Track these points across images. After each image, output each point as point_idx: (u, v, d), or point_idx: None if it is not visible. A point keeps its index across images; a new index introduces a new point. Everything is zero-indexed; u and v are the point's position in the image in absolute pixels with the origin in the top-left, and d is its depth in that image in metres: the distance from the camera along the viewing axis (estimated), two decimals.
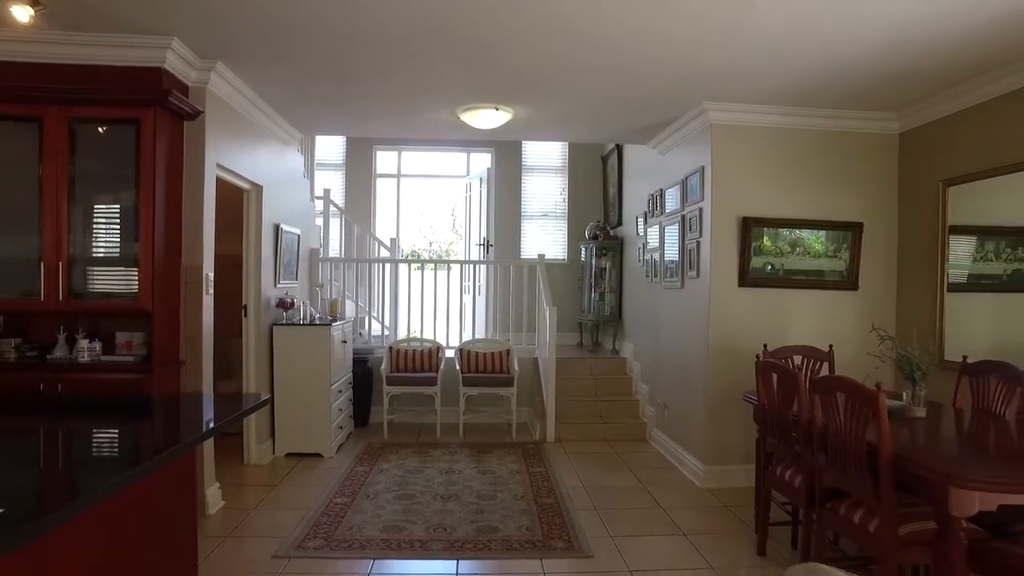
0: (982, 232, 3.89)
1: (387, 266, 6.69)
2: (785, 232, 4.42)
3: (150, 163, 3.31)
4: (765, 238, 4.39)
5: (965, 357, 3.30)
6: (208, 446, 3.84)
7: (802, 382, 2.85)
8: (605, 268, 6.97)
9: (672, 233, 5.17)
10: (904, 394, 2.98)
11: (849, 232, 4.47)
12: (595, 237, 7.06)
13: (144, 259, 3.33)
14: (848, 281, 4.49)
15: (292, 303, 5.07)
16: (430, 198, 11.64)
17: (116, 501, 1.83)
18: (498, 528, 3.56)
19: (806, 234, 4.44)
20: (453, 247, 13.11)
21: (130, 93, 3.26)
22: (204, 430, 2.13)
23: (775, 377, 3.08)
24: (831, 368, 3.79)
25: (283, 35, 3.29)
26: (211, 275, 3.85)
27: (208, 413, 2.51)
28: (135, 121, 3.28)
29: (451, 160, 8.35)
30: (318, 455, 4.96)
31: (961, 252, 3.98)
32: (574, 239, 7.82)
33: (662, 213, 5.44)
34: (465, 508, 3.87)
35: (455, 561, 3.17)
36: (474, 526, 3.58)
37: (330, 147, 7.69)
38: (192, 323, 3.71)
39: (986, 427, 2.88)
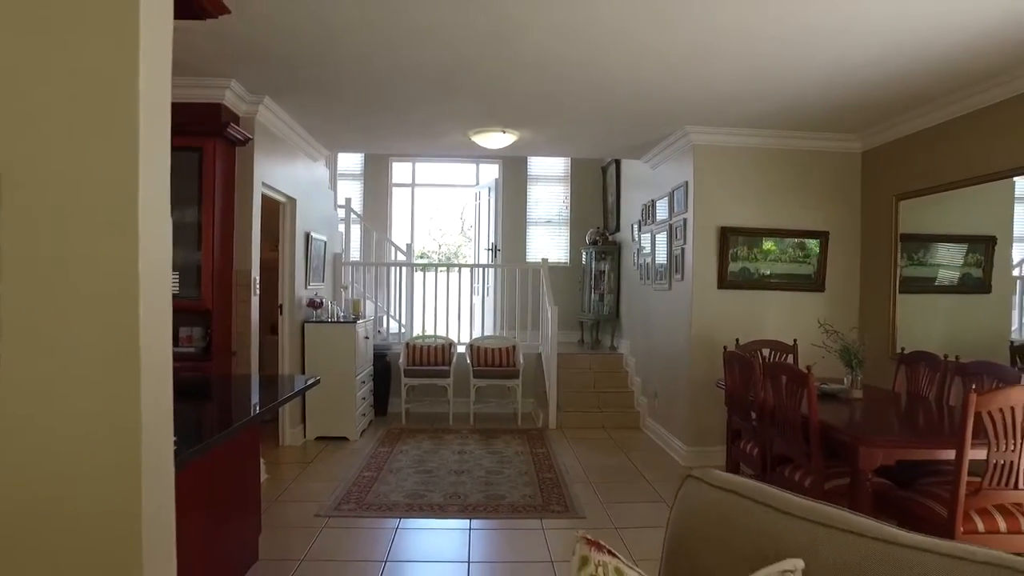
0: (935, 240, 4.43)
1: (403, 269, 7.29)
2: (762, 240, 4.99)
3: (211, 184, 3.92)
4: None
5: (903, 349, 3.87)
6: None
7: (757, 368, 3.41)
8: (604, 271, 7.55)
9: (662, 240, 5.75)
10: (845, 379, 3.55)
11: (816, 240, 5.03)
12: (595, 242, 7.64)
13: (205, 265, 3.94)
14: (815, 283, 5.05)
15: (321, 303, 5.68)
16: (440, 203, 12.23)
17: (216, 454, 2.43)
18: (505, 496, 4.15)
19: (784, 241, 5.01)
20: (461, 249, 13.69)
21: (196, 126, 3.87)
22: (287, 395, 2.74)
23: (738, 365, 3.65)
24: (795, 359, 4.35)
25: (325, 76, 3.90)
26: (257, 278, 4.47)
27: (280, 388, 3.11)
28: (198, 149, 3.90)
29: (461, 170, 8.95)
30: (344, 438, 5.57)
31: (920, 257, 4.52)
32: (576, 244, 8.40)
33: (653, 221, 6.02)
34: (476, 481, 4.46)
35: (468, 520, 3.76)
36: (484, 494, 4.17)
37: (350, 159, 8.31)
38: (242, 319, 4.33)
39: (908, 406, 3.44)
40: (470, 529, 3.65)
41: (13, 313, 1.39)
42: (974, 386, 2.39)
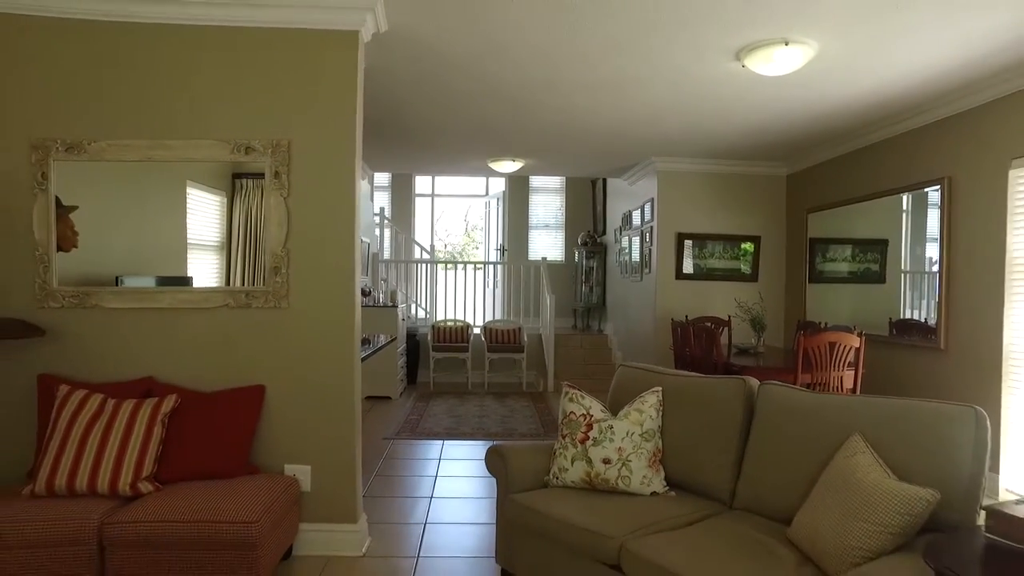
0: (843, 242, 5.95)
1: (428, 266, 8.84)
2: (708, 242, 6.57)
3: None
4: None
5: (799, 321, 5.43)
6: None
7: (690, 332, 4.98)
8: (593, 267, 9.12)
9: (636, 242, 7.32)
10: (752, 339, 5.12)
11: (751, 242, 6.60)
12: (586, 243, 9.21)
13: None
14: (751, 275, 6.62)
15: (369, 292, 7.25)
16: (447, 207, 13.77)
17: None
18: (516, 428, 5.73)
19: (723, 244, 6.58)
20: (467, 248, 15.23)
21: None
22: (383, 344, 4.30)
23: (679, 332, 5.22)
24: (729, 330, 5.92)
25: (388, 127, 5.46)
26: None
27: (372, 343, 4.67)
28: None
29: (473, 182, 10.51)
30: (388, 397, 7.13)
31: (831, 255, 6.05)
32: (570, 244, 9.97)
33: (630, 227, 7.59)
34: (494, 421, 6.03)
35: (491, 440, 5.33)
36: (501, 427, 5.75)
37: (380, 173, 9.86)
38: None
39: (790, 355, 5.01)
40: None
41: (296, 282, 2.96)
42: (802, 331, 3.95)
